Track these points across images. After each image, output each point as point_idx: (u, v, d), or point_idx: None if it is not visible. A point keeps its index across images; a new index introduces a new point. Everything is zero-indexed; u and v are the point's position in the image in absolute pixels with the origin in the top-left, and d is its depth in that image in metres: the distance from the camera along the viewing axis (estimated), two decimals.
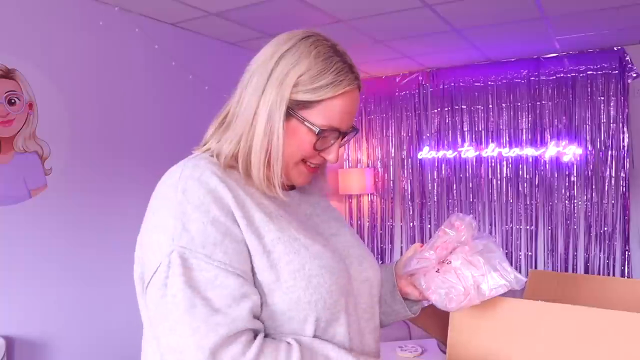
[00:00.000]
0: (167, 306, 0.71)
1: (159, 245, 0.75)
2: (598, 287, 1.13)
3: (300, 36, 0.84)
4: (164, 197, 0.78)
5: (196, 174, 0.78)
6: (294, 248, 0.77)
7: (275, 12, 2.73)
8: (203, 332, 0.68)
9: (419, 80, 4.20)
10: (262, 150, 0.81)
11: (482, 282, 0.87)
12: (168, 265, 0.72)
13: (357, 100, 0.86)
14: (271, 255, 0.76)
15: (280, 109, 0.80)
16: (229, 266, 0.72)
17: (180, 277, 0.71)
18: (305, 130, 0.82)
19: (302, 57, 0.81)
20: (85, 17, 2.51)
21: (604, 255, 3.51)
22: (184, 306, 0.70)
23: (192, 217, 0.74)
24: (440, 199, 4.13)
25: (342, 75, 0.81)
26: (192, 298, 0.70)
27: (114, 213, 2.62)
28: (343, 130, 0.86)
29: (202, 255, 0.72)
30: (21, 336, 2.22)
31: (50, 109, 2.36)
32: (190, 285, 0.70)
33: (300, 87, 0.80)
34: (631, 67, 3.41)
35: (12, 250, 2.21)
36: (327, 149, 0.86)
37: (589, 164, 3.55)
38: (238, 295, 0.71)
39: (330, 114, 0.82)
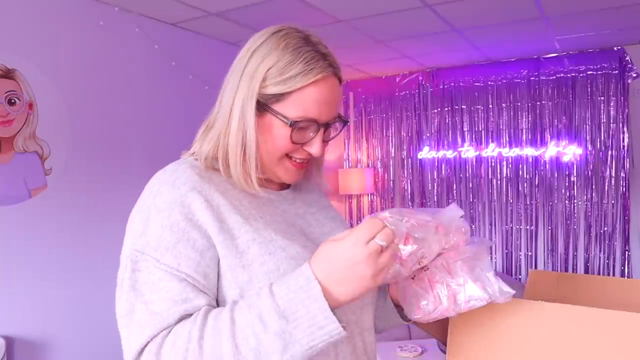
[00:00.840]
0: (117, 307, 0.75)
1: (125, 246, 0.78)
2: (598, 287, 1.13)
3: (273, 31, 0.84)
4: (141, 199, 0.81)
5: (171, 179, 0.79)
6: (269, 249, 0.77)
7: (275, 12, 2.73)
8: (137, 334, 0.71)
9: (419, 80, 4.20)
10: (238, 147, 0.81)
11: (459, 292, 0.80)
12: (125, 268, 0.75)
13: (334, 88, 0.83)
14: (244, 256, 0.76)
15: (251, 103, 0.80)
16: (175, 270, 0.73)
17: (127, 281, 0.74)
18: (280, 124, 0.81)
19: (271, 50, 0.80)
20: (85, 17, 2.51)
21: (604, 255, 3.51)
22: (125, 309, 0.73)
23: (153, 221, 0.76)
24: (440, 199, 4.13)
25: (312, 64, 0.79)
26: (133, 302, 0.72)
27: (114, 213, 2.62)
28: (322, 121, 0.83)
29: (152, 258, 0.73)
30: (21, 336, 2.22)
31: (50, 109, 2.36)
32: (134, 288, 0.73)
33: (269, 80, 0.80)
34: (631, 67, 3.41)
35: (12, 250, 2.21)
36: (309, 142, 0.84)
37: (589, 164, 3.55)
38: (179, 299, 0.72)
39: (304, 104, 0.80)
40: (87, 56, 2.52)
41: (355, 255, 0.67)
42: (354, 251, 0.67)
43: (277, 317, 0.66)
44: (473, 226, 3.98)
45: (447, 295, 0.80)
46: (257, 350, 0.66)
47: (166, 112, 2.93)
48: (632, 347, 0.76)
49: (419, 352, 2.24)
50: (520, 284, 3.58)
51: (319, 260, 0.69)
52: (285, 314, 0.66)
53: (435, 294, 0.81)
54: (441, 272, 0.81)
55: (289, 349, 0.66)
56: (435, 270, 0.81)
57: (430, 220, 0.77)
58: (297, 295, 0.67)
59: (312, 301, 0.66)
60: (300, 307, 0.66)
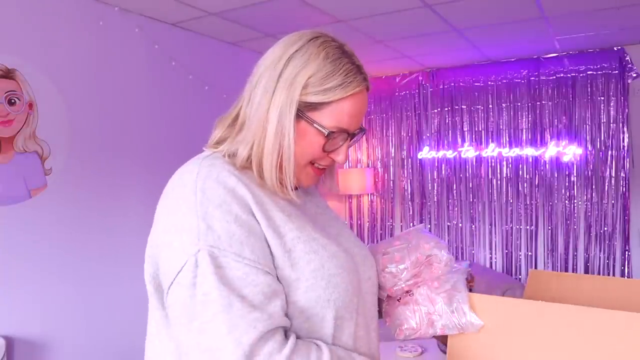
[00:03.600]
0: (198, 306, 0.70)
1: (181, 245, 0.73)
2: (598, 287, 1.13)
3: (309, 37, 0.83)
4: (181, 197, 0.77)
5: (214, 174, 0.78)
6: (312, 247, 0.78)
7: (275, 12, 2.73)
8: (242, 329, 0.68)
9: (419, 80, 4.20)
10: (274, 153, 0.80)
11: (436, 320, 0.90)
12: (195, 265, 0.71)
13: (365, 101, 0.86)
14: (292, 254, 0.76)
15: (290, 110, 0.80)
16: (257, 263, 0.73)
17: (212, 276, 0.70)
18: (314, 132, 0.82)
19: (311, 59, 0.80)
20: (85, 17, 2.51)
21: (604, 255, 3.51)
22: (220, 304, 0.69)
23: (215, 216, 0.73)
24: (440, 199, 4.13)
25: (351, 77, 0.81)
26: (228, 296, 0.69)
27: (114, 213, 2.62)
28: (351, 132, 0.85)
29: (230, 253, 0.72)
30: (21, 336, 2.22)
31: (50, 109, 2.36)
32: (224, 283, 0.70)
33: (309, 89, 0.80)
34: (631, 67, 3.41)
35: (12, 250, 2.21)
36: (336, 150, 0.86)
37: (589, 164, 3.55)
38: (269, 292, 0.72)
39: (339, 115, 0.82)
40: (87, 56, 2.52)
41: None
42: None
43: None
44: (473, 226, 3.99)
45: (426, 322, 0.91)
46: None
47: (166, 112, 2.93)
48: (632, 347, 0.76)
49: (419, 352, 2.24)
50: (520, 284, 3.58)
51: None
52: None
53: (417, 320, 0.91)
54: (424, 301, 0.92)
55: None
56: (420, 298, 0.92)
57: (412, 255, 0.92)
58: None
59: None
60: None
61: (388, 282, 0.92)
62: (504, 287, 3.35)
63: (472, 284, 1.00)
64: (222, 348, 0.68)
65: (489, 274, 3.71)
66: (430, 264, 0.92)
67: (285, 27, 3.00)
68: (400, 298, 0.93)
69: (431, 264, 0.92)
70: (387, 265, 0.93)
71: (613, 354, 0.77)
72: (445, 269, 0.92)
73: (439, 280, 0.92)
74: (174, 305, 0.73)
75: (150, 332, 0.85)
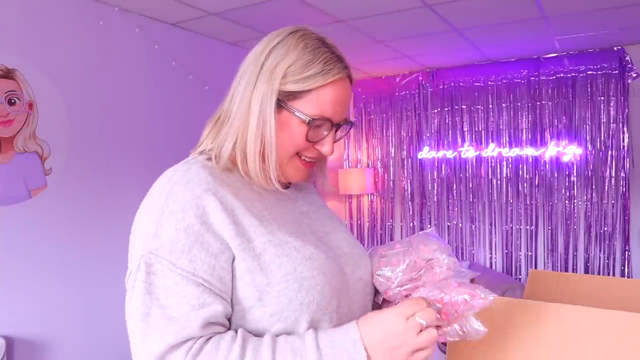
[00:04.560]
0: (130, 310, 0.73)
1: (134, 248, 0.77)
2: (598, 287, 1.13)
3: (289, 31, 0.85)
4: (150, 199, 0.80)
5: (184, 179, 0.78)
6: (284, 251, 0.78)
7: (275, 12, 2.73)
8: (154, 339, 0.70)
9: (419, 80, 4.20)
10: (257, 143, 0.81)
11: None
12: (137, 269, 0.74)
13: (348, 90, 0.86)
14: (261, 258, 0.76)
15: (271, 100, 0.81)
16: (191, 274, 0.72)
17: (142, 283, 0.72)
18: (297, 121, 0.82)
19: (290, 49, 0.82)
20: (85, 17, 2.51)
21: (604, 255, 3.51)
22: (140, 313, 0.71)
23: (166, 222, 0.74)
24: (440, 199, 4.13)
25: (331, 65, 0.82)
26: (149, 306, 0.71)
27: (114, 213, 2.62)
28: (335, 121, 0.85)
29: (166, 261, 0.73)
30: (21, 336, 2.22)
31: (50, 109, 2.36)
32: (149, 292, 0.72)
33: (289, 78, 0.81)
34: (631, 67, 3.41)
35: (12, 250, 2.21)
36: (321, 141, 0.86)
37: (589, 164, 3.55)
38: (196, 304, 0.72)
39: (321, 103, 0.82)
40: (87, 56, 2.52)
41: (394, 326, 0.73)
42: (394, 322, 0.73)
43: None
44: (473, 226, 3.98)
45: None
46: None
47: (166, 112, 2.93)
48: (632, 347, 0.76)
49: None
50: (520, 284, 3.58)
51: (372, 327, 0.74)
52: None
53: None
54: None
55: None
56: None
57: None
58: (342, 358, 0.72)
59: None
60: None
61: (382, 286, 0.90)
62: (504, 287, 3.35)
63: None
64: (137, 355, 0.72)
65: (489, 274, 3.71)
66: (431, 268, 0.89)
67: (285, 27, 3.00)
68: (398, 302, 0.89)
69: (432, 267, 0.89)
70: (381, 268, 0.90)
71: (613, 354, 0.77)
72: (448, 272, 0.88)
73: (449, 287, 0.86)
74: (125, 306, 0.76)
75: None
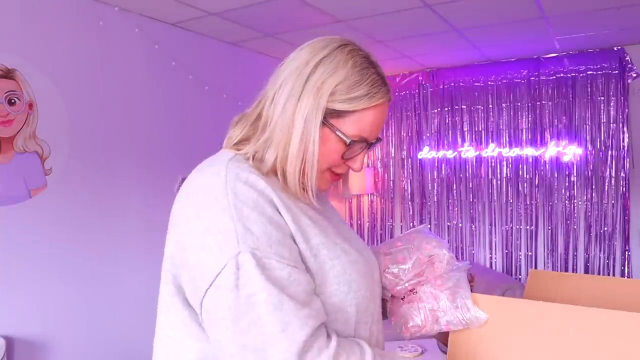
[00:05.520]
0: (242, 307, 0.70)
1: (219, 247, 0.72)
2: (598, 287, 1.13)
3: (338, 44, 0.84)
4: (212, 198, 0.75)
5: (242, 176, 0.77)
6: (335, 253, 0.79)
7: (275, 12, 2.73)
8: (295, 326, 0.69)
9: (419, 80, 4.20)
10: (299, 158, 0.80)
11: (441, 317, 0.92)
12: (237, 267, 0.71)
13: (386, 112, 0.87)
14: (317, 259, 0.77)
15: (317, 117, 0.80)
16: (296, 263, 0.74)
17: (259, 277, 0.70)
18: (336, 139, 0.82)
19: (339, 66, 0.81)
20: (85, 17, 2.51)
21: (604, 255, 3.51)
22: (271, 304, 0.70)
23: (251, 218, 0.73)
24: (440, 199, 4.13)
25: (377, 88, 0.82)
26: (278, 295, 0.70)
27: (114, 213, 2.62)
28: (371, 141, 0.87)
29: (272, 254, 0.72)
30: (21, 336, 2.22)
31: (50, 109, 2.36)
32: (273, 283, 0.71)
33: (336, 96, 0.80)
34: (631, 67, 3.40)
35: (12, 250, 2.21)
36: (353, 158, 0.87)
37: (589, 164, 3.55)
38: (310, 290, 0.74)
39: (362, 125, 0.83)
40: (87, 56, 2.52)
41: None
42: None
43: None
44: (473, 226, 3.99)
45: (430, 319, 0.92)
46: None
47: (166, 112, 2.93)
48: (632, 347, 0.76)
49: (419, 352, 2.24)
50: (520, 284, 3.58)
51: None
52: None
53: (422, 318, 0.93)
54: (428, 299, 0.93)
55: None
56: (423, 296, 0.94)
57: None
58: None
59: None
60: None
61: (391, 283, 0.94)
62: (504, 287, 3.35)
63: (473, 284, 1.01)
64: (274, 345, 0.68)
65: (489, 274, 3.71)
66: (432, 263, 0.95)
67: (285, 27, 3.00)
68: (405, 297, 0.95)
69: (433, 263, 0.94)
70: (389, 266, 0.95)
71: (613, 354, 0.77)
72: (447, 267, 0.94)
73: (442, 278, 0.94)
74: (215, 308, 0.72)
75: (163, 333, 0.82)
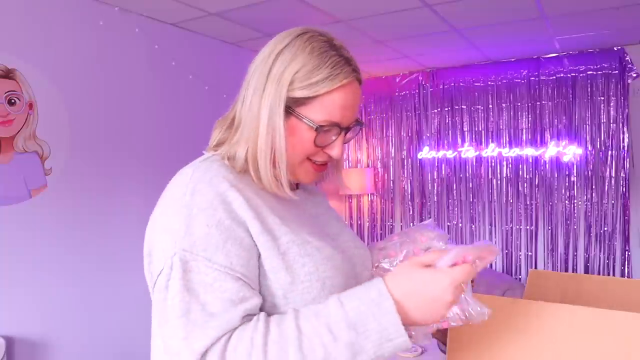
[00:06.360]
0: (167, 310, 0.72)
1: (163, 247, 0.75)
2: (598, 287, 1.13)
3: (297, 33, 0.84)
4: (173, 197, 0.78)
5: (207, 177, 0.78)
6: (306, 251, 0.78)
7: (275, 12, 2.73)
8: (196, 335, 0.69)
9: (419, 80, 4.20)
10: (267, 150, 0.81)
11: None
12: (170, 268, 0.72)
13: (356, 93, 0.85)
14: (286, 257, 0.77)
15: (279, 107, 0.80)
16: (229, 269, 0.72)
17: (179, 281, 0.71)
18: (305, 128, 0.82)
19: (297, 54, 0.81)
20: (85, 17, 2.51)
21: (604, 255, 3.50)
22: (180, 310, 0.70)
23: (197, 220, 0.74)
24: (440, 199, 4.13)
25: (338, 69, 0.81)
26: (189, 302, 0.70)
27: (114, 213, 2.62)
28: (344, 125, 0.85)
29: (202, 258, 0.72)
30: (21, 336, 2.22)
31: (50, 109, 2.36)
32: (188, 289, 0.71)
33: (296, 84, 0.80)
34: (631, 67, 3.40)
35: (12, 250, 2.21)
36: (330, 145, 0.85)
37: (589, 164, 3.55)
38: (236, 298, 0.71)
39: (329, 109, 0.81)
40: (87, 56, 2.52)
41: (445, 295, 0.70)
42: (447, 291, 0.70)
43: (346, 329, 0.68)
44: (473, 226, 3.98)
45: None
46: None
47: (166, 112, 2.93)
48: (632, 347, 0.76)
49: (419, 352, 2.24)
50: (520, 284, 3.58)
51: (400, 279, 0.72)
52: (355, 326, 0.68)
53: None
54: None
55: (356, 358, 0.68)
56: None
57: None
58: (369, 308, 0.69)
59: (384, 314, 0.68)
60: (371, 320, 0.68)
61: None
62: (504, 287, 3.35)
63: (473, 284, 0.99)
64: (179, 352, 0.69)
65: (489, 274, 3.71)
66: None
67: (285, 27, 2.98)
68: None
69: None
70: (380, 260, 0.90)
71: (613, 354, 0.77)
72: None
73: None
74: (154, 307, 0.75)
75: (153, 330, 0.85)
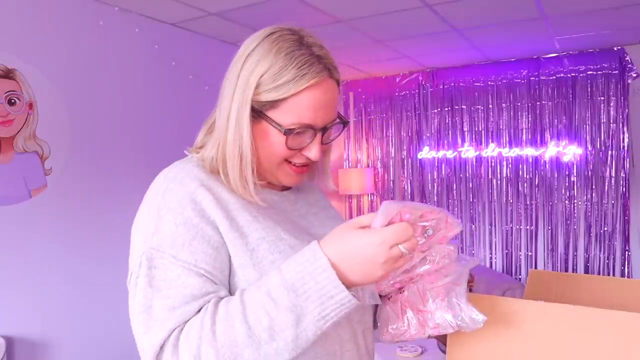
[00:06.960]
0: (134, 306, 0.73)
1: (136, 246, 0.77)
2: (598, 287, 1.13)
3: (266, 34, 0.81)
4: (148, 197, 0.81)
5: (179, 176, 0.79)
6: (278, 247, 0.78)
7: (275, 12, 2.73)
8: (156, 330, 0.70)
9: (419, 80, 4.20)
10: (236, 155, 0.80)
11: (428, 319, 0.80)
12: (139, 266, 0.74)
13: (329, 92, 0.81)
14: (254, 254, 0.76)
15: (245, 111, 0.79)
16: (192, 266, 0.73)
17: (144, 278, 0.73)
18: (275, 131, 0.80)
19: (264, 56, 0.78)
20: (85, 17, 2.51)
21: (604, 255, 3.51)
22: (142, 306, 0.72)
23: (165, 218, 0.75)
24: (440, 199, 4.13)
25: (305, 69, 0.77)
26: (151, 298, 0.71)
27: (114, 213, 2.62)
28: (319, 126, 0.82)
29: (168, 255, 0.73)
30: (21, 336, 2.22)
31: (50, 109, 2.36)
32: (151, 285, 0.72)
33: (262, 88, 0.78)
34: (631, 67, 3.41)
35: (12, 250, 2.21)
36: (307, 147, 0.83)
37: (589, 164, 3.55)
38: (198, 294, 0.72)
39: (299, 111, 0.78)
40: (87, 56, 2.52)
41: (376, 255, 0.66)
42: (377, 250, 0.66)
43: (286, 292, 0.67)
44: (473, 226, 3.98)
45: (416, 322, 0.80)
46: (271, 329, 0.66)
47: (166, 112, 2.93)
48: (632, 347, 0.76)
49: (419, 352, 2.24)
50: (520, 284, 3.58)
51: (334, 241, 0.69)
52: (294, 287, 0.67)
53: (404, 319, 0.81)
54: (415, 297, 0.81)
55: (301, 321, 0.66)
56: (409, 294, 0.81)
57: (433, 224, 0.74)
58: (305, 268, 0.67)
59: (320, 272, 0.67)
60: (309, 279, 0.67)
61: None
62: (504, 287, 3.35)
63: (472, 284, 0.98)
64: (143, 347, 0.71)
65: (489, 274, 3.71)
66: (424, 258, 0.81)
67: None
68: (391, 296, 0.84)
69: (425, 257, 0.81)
70: None
71: (613, 354, 0.77)
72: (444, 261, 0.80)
73: (437, 274, 0.80)
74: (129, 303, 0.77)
75: None
